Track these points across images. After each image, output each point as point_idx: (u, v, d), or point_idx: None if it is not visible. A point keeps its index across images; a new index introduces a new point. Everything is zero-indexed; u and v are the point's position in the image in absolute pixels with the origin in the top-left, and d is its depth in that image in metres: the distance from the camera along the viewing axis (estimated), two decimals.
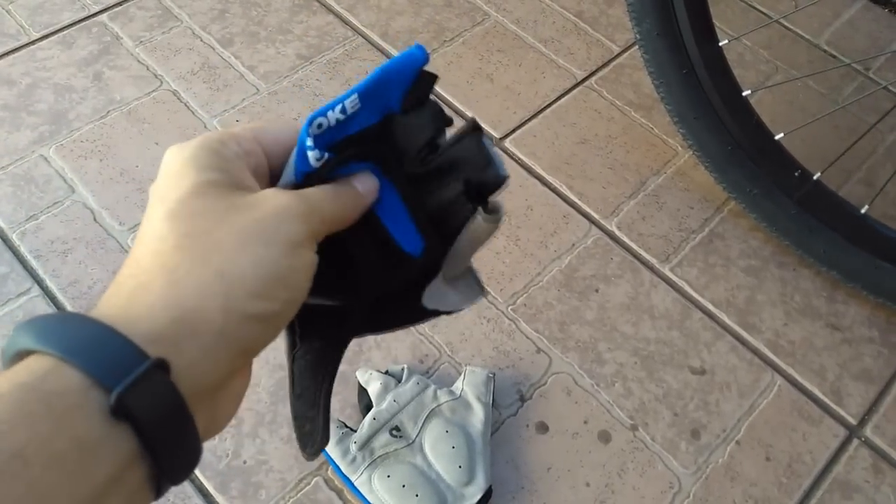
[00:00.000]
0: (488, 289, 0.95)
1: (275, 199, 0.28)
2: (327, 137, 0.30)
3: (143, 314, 0.25)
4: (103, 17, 1.20)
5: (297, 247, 0.28)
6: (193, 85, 1.12)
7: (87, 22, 1.19)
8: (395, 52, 1.19)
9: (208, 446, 0.80)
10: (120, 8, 1.21)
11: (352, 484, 0.76)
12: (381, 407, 0.79)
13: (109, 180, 1.01)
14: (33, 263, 0.93)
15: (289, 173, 0.31)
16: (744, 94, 0.96)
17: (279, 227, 0.27)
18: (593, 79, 1.20)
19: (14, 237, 0.95)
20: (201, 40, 1.18)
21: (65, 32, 1.17)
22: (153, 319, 0.25)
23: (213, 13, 1.22)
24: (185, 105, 1.10)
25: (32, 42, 1.15)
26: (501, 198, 0.33)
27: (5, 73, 1.11)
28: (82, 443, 0.22)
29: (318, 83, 1.14)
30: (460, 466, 0.76)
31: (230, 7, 1.23)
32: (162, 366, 0.24)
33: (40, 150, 1.03)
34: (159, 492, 0.25)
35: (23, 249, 0.94)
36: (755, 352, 0.93)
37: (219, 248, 0.26)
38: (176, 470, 0.25)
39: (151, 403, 0.23)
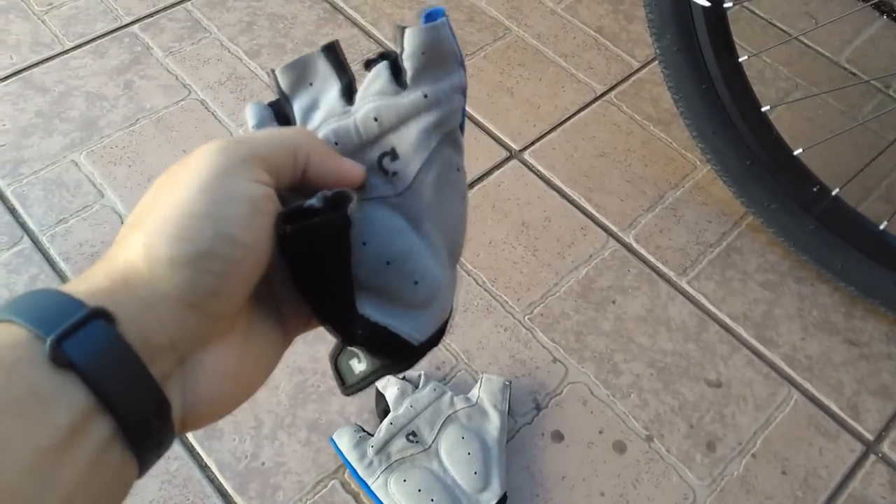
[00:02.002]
0: (505, 297, 0.96)
1: (205, 146, 0.28)
2: None
3: (86, 276, 0.26)
4: (135, 27, 1.23)
5: (220, 177, 0.27)
6: (221, 95, 1.15)
7: (118, 32, 1.22)
8: None
9: (228, 447, 0.82)
10: (151, 19, 1.24)
11: (368, 487, 0.77)
12: (398, 412, 0.80)
13: (137, 186, 1.03)
14: (62, 265, 0.95)
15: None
16: (763, 109, 0.97)
17: (196, 164, 0.27)
18: (613, 93, 1.21)
19: (44, 240, 0.97)
20: (229, 51, 1.21)
21: (97, 42, 1.20)
22: (93, 278, 0.26)
23: (240, 25, 1.25)
24: (213, 114, 1.13)
25: (66, 51, 1.19)
26: (518, 207, 0.34)
27: (39, 81, 1.14)
28: (36, 392, 0.22)
29: None
30: (476, 472, 0.77)
31: (257, 20, 1.26)
32: (103, 315, 0.24)
33: (71, 155, 1.06)
34: (141, 458, 0.25)
35: (52, 252, 0.96)
36: (772, 366, 0.93)
37: (150, 206, 0.27)
38: (139, 425, 0.24)
39: (92, 350, 0.23)
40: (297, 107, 0.33)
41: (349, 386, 0.33)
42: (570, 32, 1.29)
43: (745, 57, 0.96)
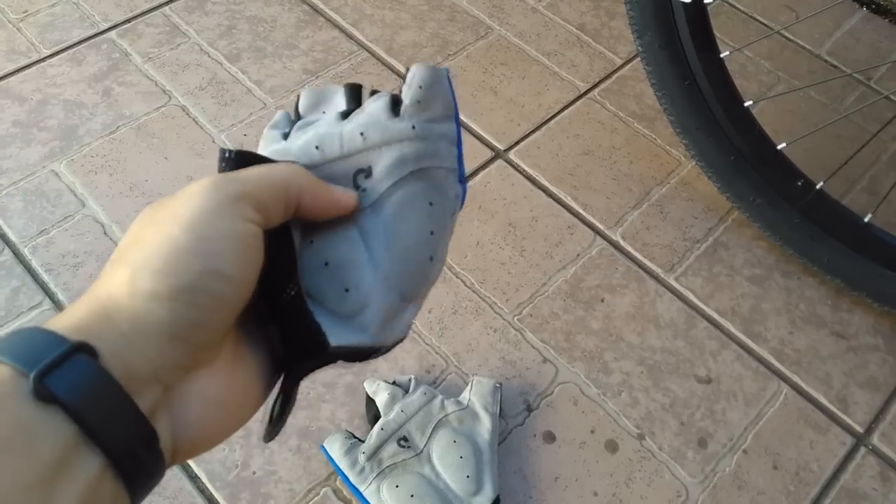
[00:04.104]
0: (494, 298, 0.96)
1: (196, 182, 0.29)
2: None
3: (68, 312, 0.26)
4: (112, 34, 1.21)
5: (208, 215, 0.27)
6: (201, 100, 1.14)
7: (96, 39, 1.20)
8: (400, 67, 1.21)
9: (218, 457, 0.81)
10: (129, 25, 1.23)
11: (360, 494, 0.76)
12: (388, 417, 0.80)
13: (119, 195, 1.02)
14: (44, 277, 0.94)
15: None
16: (746, 104, 0.97)
17: (186, 202, 0.28)
18: (596, 91, 1.21)
19: (26, 251, 0.96)
20: (209, 56, 1.20)
21: (75, 49, 1.19)
22: (76, 314, 0.26)
23: (220, 29, 1.24)
24: (194, 120, 1.11)
25: (43, 59, 1.17)
26: (505, 207, 0.34)
27: (16, 90, 1.12)
28: (22, 427, 0.23)
29: None
30: (468, 476, 0.77)
31: (237, 23, 1.25)
32: (85, 349, 0.25)
33: (51, 165, 1.05)
34: (132, 490, 0.25)
35: (34, 263, 0.95)
36: (761, 360, 0.93)
37: (134, 241, 0.28)
38: (127, 456, 0.25)
39: (75, 384, 0.24)
40: (298, 122, 0.35)
41: (269, 425, 0.32)
42: (551, 30, 1.29)
43: (727, 52, 0.96)
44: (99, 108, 1.11)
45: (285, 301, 0.30)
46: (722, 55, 0.96)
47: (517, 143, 1.13)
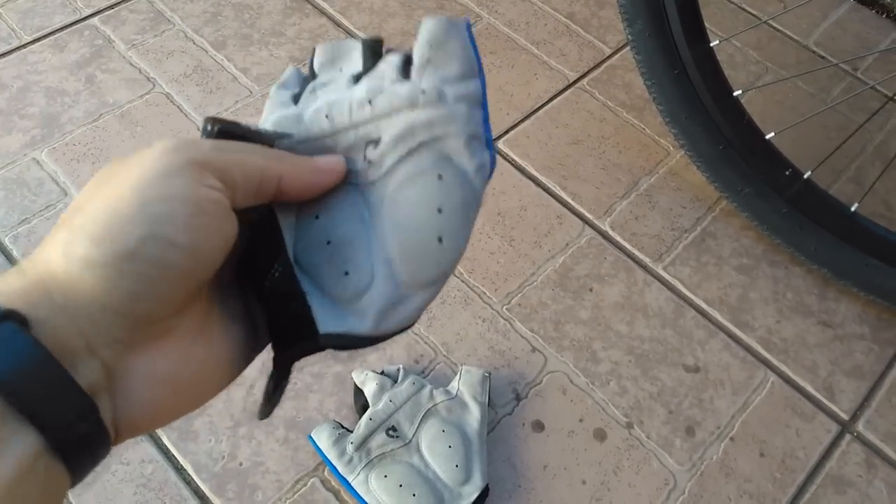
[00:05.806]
0: (482, 288, 0.95)
1: (157, 143, 0.27)
2: None
3: (3, 280, 0.25)
4: (95, 20, 1.19)
5: (161, 176, 0.25)
6: (186, 88, 1.12)
7: (78, 25, 1.18)
8: None
9: (204, 448, 0.80)
10: (112, 11, 1.21)
11: (349, 484, 0.76)
12: (377, 407, 0.79)
13: None
14: None
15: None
16: (735, 93, 0.97)
17: (140, 162, 0.25)
18: (585, 80, 1.20)
19: (7, 241, 0.94)
20: (194, 43, 1.18)
21: (56, 35, 1.17)
22: (10, 282, 0.24)
23: (205, 16, 1.22)
24: (179, 108, 1.10)
25: (24, 45, 1.15)
26: (494, 197, 0.33)
27: None
28: None
29: None
30: (457, 465, 0.76)
31: (222, 10, 1.23)
32: (14, 317, 0.23)
33: (32, 153, 1.03)
34: (72, 466, 0.24)
35: (15, 253, 0.93)
36: (748, 349, 0.94)
37: (83, 203, 0.26)
38: (64, 431, 0.23)
39: (2, 353, 0.22)
40: (312, 83, 0.32)
41: (264, 403, 0.31)
42: (541, 19, 1.28)
43: (716, 42, 0.96)
44: (81, 96, 1.10)
45: (270, 282, 0.28)
46: (712, 44, 0.96)
47: (506, 132, 1.12)
